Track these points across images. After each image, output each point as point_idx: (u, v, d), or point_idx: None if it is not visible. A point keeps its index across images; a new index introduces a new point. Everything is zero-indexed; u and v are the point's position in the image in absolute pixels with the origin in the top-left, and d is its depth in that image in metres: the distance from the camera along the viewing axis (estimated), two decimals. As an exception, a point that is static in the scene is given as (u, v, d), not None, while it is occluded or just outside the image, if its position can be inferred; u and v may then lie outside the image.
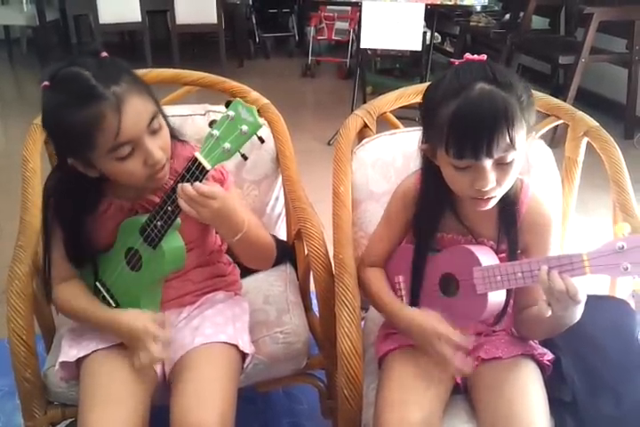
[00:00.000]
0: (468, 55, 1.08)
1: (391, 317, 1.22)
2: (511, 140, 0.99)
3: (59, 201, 1.20)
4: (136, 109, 1.05)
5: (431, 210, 1.19)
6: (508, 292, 1.13)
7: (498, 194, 1.07)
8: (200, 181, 1.08)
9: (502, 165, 1.03)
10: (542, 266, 1.00)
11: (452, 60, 1.10)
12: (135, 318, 1.17)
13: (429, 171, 1.16)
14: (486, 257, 1.11)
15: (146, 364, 1.15)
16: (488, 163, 1.02)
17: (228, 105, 1.04)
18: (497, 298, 1.11)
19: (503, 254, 1.16)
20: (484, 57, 1.08)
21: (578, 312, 1.02)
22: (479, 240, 1.18)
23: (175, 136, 1.22)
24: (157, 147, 1.10)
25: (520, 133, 1.01)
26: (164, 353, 1.16)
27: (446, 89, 1.03)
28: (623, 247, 0.92)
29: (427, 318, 1.13)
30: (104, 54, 1.10)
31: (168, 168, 1.16)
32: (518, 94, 1.01)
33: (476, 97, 0.99)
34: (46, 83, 1.06)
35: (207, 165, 1.06)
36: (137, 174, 1.11)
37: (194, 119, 1.61)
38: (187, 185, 1.07)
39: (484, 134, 0.99)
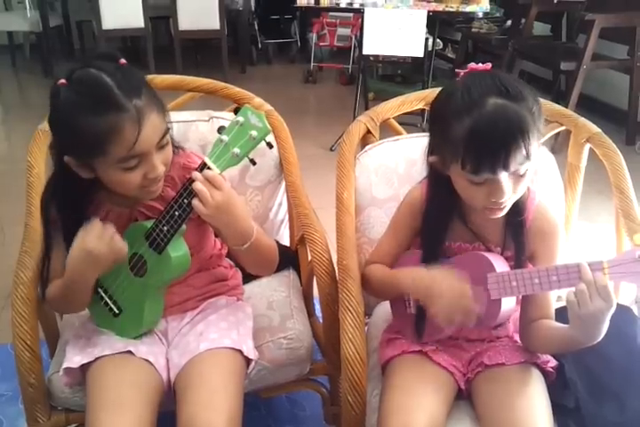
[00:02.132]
0: (472, 65, 1.08)
1: (396, 284, 1.19)
2: (527, 152, 1.00)
3: (56, 210, 1.19)
4: (153, 125, 1.06)
5: (439, 219, 1.19)
6: (527, 305, 1.13)
7: (510, 202, 1.08)
8: None
9: (517, 176, 1.04)
10: (581, 263, 0.99)
11: (457, 70, 1.10)
12: (76, 243, 1.12)
13: (436, 181, 1.16)
14: (500, 264, 1.12)
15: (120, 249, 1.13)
16: (505, 176, 1.02)
17: (236, 111, 1.05)
18: (509, 304, 1.11)
19: (510, 262, 1.16)
20: (489, 66, 1.08)
21: (603, 329, 1.01)
22: (486, 247, 1.18)
23: (173, 144, 1.22)
24: (161, 162, 1.11)
25: (534, 144, 1.02)
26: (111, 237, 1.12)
27: (458, 105, 1.02)
28: None
29: (426, 272, 1.12)
30: (123, 61, 1.09)
31: (162, 183, 1.16)
32: (529, 106, 1.02)
33: (490, 113, 0.99)
34: (63, 80, 1.04)
35: (216, 170, 1.07)
36: (133, 185, 1.11)
37: (197, 125, 1.62)
38: (196, 172, 1.07)
39: (501, 150, 0.99)
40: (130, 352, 1.21)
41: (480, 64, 1.09)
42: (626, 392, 1.14)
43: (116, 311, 1.26)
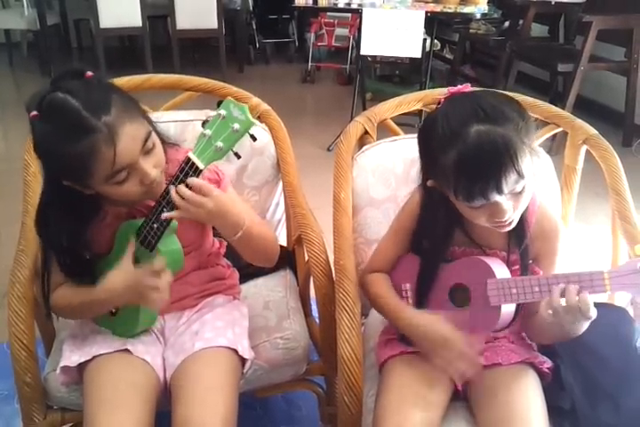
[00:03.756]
0: (451, 88, 1.08)
1: (394, 319, 1.22)
2: (519, 173, 0.99)
3: (55, 215, 1.18)
4: (129, 136, 1.05)
5: (439, 228, 1.18)
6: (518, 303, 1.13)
7: (516, 216, 1.08)
8: None
9: (515, 195, 1.04)
10: (560, 283, 1.00)
11: (438, 97, 1.10)
12: (125, 274, 1.15)
13: (430, 198, 1.17)
14: (500, 270, 1.11)
15: (159, 300, 1.15)
16: (501, 198, 1.02)
17: (219, 105, 1.05)
18: (508, 310, 1.11)
19: (516, 266, 1.16)
20: (468, 86, 1.07)
21: (585, 326, 1.03)
22: (491, 252, 1.18)
23: (165, 141, 1.22)
24: (152, 166, 1.10)
25: (526, 161, 1.00)
26: (166, 280, 1.14)
27: (441, 137, 1.01)
28: None
29: (432, 323, 1.13)
30: (88, 74, 1.08)
31: (163, 180, 1.16)
32: (515, 123, 1.00)
33: (474, 142, 0.98)
34: (35, 113, 1.04)
35: (200, 165, 1.06)
36: (134, 194, 1.12)
37: (195, 125, 1.61)
38: (180, 186, 1.07)
39: (491, 177, 0.98)
40: (127, 351, 1.21)
41: (458, 86, 1.09)
42: (620, 393, 1.14)
43: (113, 310, 1.26)
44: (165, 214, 1.09)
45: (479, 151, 0.98)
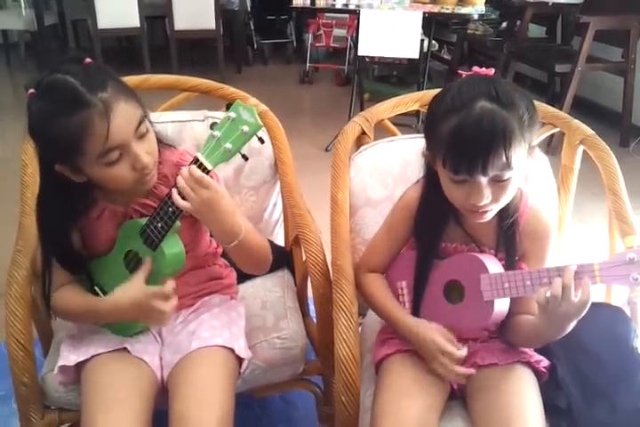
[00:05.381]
0: (476, 68, 1.09)
1: (392, 323, 1.24)
2: (507, 159, 1.00)
3: (50, 211, 1.19)
4: (124, 115, 1.06)
5: (434, 220, 1.19)
6: (511, 299, 1.13)
7: (494, 208, 1.09)
8: None
9: (499, 182, 1.04)
10: (570, 267, 1.00)
11: (460, 71, 1.11)
12: (135, 292, 1.16)
13: (432, 179, 1.17)
14: (493, 265, 1.12)
15: (161, 322, 1.19)
16: (483, 180, 1.03)
17: (228, 107, 1.06)
18: (502, 306, 1.11)
19: (501, 262, 1.16)
20: (492, 71, 1.08)
21: (571, 325, 1.03)
22: (481, 249, 1.18)
23: (161, 142, 1.22)
24: (144, 151, 1.11)
25: (518, 153, 1.01)
26: (172, 304, 1.17)
27: (448, 104, 1.04)
28: (634, 259, 0.94)
29: (428, 331, 1.15)
30: (88, 60, 1.09)
31: (156, 172, 1.17)
32: (520, 114, 1.01)
33: (475, 115, 1.00)
34: (32, 91, 1.06)
35: (208, 166, 1.07)
36: (125, 179, 1.12)
37: (193, 125, 1.62)
38: (184, 169, 1.09)
39: (479, 153, 1.00)
40: (125, 350, 1.21)
41: (484, 68, 1.10)
42: (617, 393, 1.14)
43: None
44: (175, 195, 1.09)
45: (477, 125, 0.99)
